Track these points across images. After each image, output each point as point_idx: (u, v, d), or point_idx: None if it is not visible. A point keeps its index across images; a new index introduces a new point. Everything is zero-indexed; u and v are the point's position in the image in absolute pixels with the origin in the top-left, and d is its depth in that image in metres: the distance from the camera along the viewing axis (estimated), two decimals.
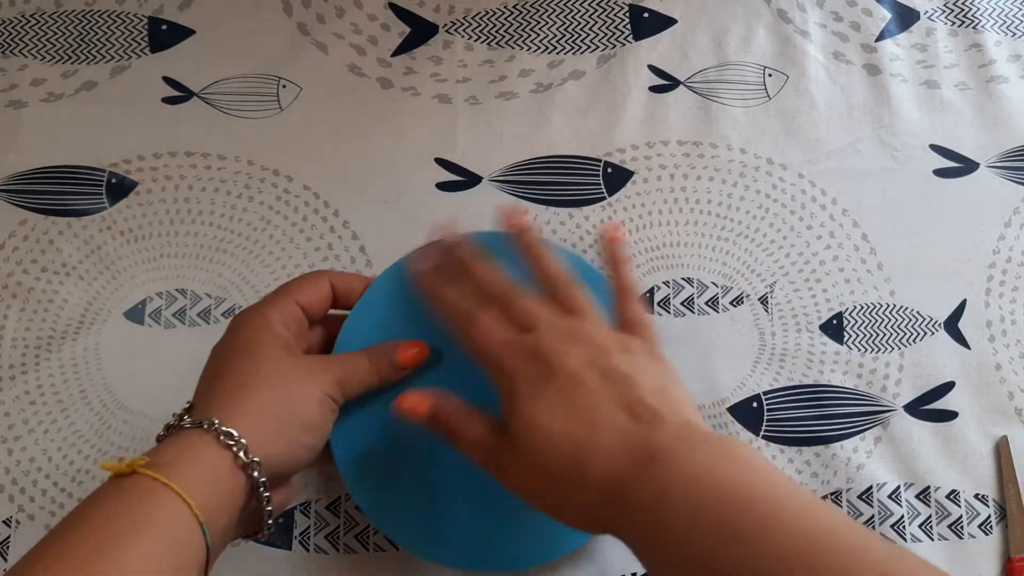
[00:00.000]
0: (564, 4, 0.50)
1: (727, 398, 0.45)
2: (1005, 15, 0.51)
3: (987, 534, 0.43)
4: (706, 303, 0.46)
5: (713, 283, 0.46)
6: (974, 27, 0.51)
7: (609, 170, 0.48)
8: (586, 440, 0.32)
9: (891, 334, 0.46)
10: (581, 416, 0.32)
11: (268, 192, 0.47)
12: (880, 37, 0.50)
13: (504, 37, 0.50)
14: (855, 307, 0.46)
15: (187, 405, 0.34)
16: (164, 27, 0.49)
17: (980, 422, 0.45)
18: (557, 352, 0.34)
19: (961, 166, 0.49)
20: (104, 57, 0.49)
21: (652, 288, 0.46)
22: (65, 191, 0.46)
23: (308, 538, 0.42)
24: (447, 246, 0.39)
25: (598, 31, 0.50)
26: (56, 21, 0.49)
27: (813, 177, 0.48)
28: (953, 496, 0.44)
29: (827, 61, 0.50)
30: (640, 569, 0.42)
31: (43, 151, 0.47)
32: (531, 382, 0.34)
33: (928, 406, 0.45)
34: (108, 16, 0.49)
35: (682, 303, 0.46)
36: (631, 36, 0.50)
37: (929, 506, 0.44)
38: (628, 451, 0.31)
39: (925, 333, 0.46)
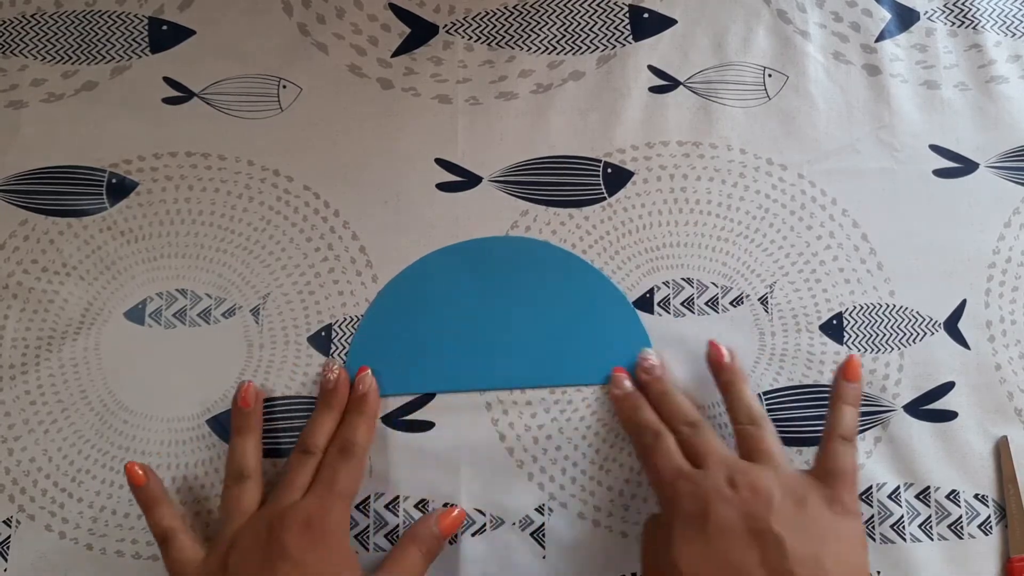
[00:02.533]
0: (564, 4, 0.50)
1: None
2: (1005, 15, 0.51)
3: (987, 534, 0.44)
4: (706, 303, 0.46)
5: (713, 283, 0.46)
6: (974, 27, 0.51)
7: (609, 170, 0.48)
8: None
9: (891, 334, 0.46)
10: (723, 572, 0.33)
11: (268, 192, 0.47)
12: (880, 37, 0.51)
13: (504, 38, 0.50)
14: (855, 307, 0.46)
15: None
16: (164, 27, 0.49)
17: (980, 422, 0.45)
18: (717, 496, 0.35)
19: (961, 166, 0.49)
20: (104, 57, 0.49)
21: (652, 288, 0.46)
22: (65, 191, 0.46)
23: None
24: (646, 369, 0.43)
25: (598, 31, 0.50)
26: (56, 21, 0.49)
27: (813, 177, 0.48)
28: (953, 496, 0.44)
29: (827, 61, 0.50)
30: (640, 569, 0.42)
31: (43, 151, 0.47)
32: (687, 522, 0.35)
33: (928, 406, 0.45)
34: (108, 16, 0.49)
35: (682, 303, 0.46)
36: (631, 36, 0.50)
37: (929, 506, 0.44)
38: None
39: (925, 333, 0.46)
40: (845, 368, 0.41)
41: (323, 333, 0.45)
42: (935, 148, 0.49)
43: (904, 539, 0.43)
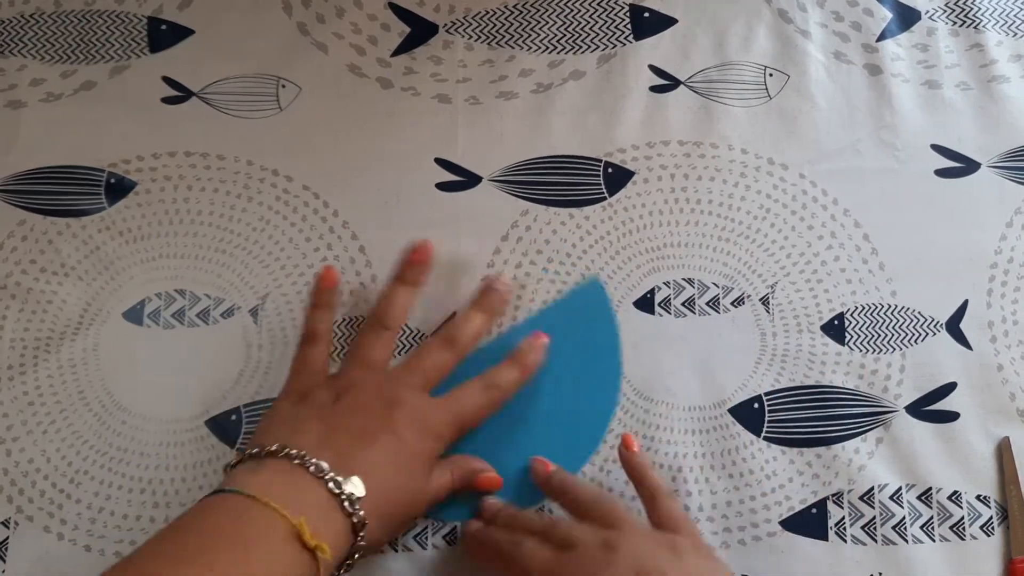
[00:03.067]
0: (564, 4, 0.50)
1: (728, 399, 0.45)
2: (1006, 15, 0.51)
3: (989, 535, 0.43)
4: (707, 304, 0.46)
5: (714, 284, 0.46)
6: (975, 27, 0.51)
7: (609, 170, 0.47)
8: None
9: (892, 335, 0.46)
10: None
11: (267, 192, 0.47)
12: (881, 37, 0.50)
13: (504, 37, 0.50)
14: (856, 308, 0.46)
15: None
16: (163, 27, 0.49)
17: (982, 423, 0.45)
18: (597, 565, 0.34)
19: (962, 166, 0.48)
20: (103, 57, 0.48)
21: (653, 289, 0.46)
22: (64, 191, 0.46)
23: None
24: (489, 509, 0.41)
25: (598, 31, 0.50)
26: (55, 21, 0.49)
27: (814, 177, 0.48)
28: (955, 497, 0.44)
29: (828, 61, 0.50)
30: None
31: (42, 151, 0.47)
32: None
33: (930, 407, 0.45)
34: (107, 16, 0.49)
35: (683, 304, 0.46)
36: (631, 36, 0.50)
37: (931, 507, 0.44)
38: None
39: (927, 334, 0.46)
40: (624, 443, 0.41)
41: None
42: (936, 148, 0.49)
43: (906, 540, 0.43)
